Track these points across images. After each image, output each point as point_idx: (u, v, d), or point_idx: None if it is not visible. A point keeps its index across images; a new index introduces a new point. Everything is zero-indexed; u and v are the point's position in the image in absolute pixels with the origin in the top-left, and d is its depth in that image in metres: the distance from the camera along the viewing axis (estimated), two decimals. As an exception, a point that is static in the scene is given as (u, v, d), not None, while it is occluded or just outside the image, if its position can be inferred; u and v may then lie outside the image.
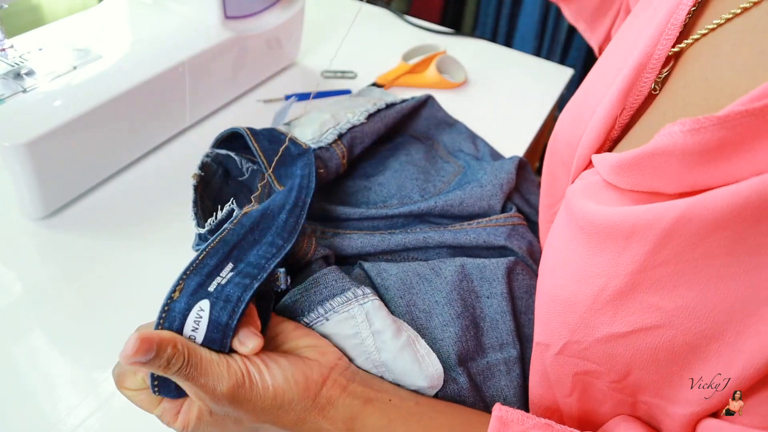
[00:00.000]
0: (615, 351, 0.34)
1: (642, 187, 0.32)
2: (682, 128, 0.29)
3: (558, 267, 0.39)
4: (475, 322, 0.44)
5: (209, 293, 0.36)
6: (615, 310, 0.33)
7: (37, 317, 0.49)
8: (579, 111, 0.46)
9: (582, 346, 0.36)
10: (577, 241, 0.36)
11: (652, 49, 0.38)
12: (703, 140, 0.28)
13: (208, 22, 0.68)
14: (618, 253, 0.32)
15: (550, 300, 0.39)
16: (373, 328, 0.39)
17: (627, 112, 0.40)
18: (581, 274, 0.35)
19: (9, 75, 0.56)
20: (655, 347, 0.32)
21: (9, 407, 0.44)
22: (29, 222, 0.57)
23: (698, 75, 0.35)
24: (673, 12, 0.37)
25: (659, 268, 0.31)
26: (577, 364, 0.37)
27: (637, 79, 0.38)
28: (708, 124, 0.28)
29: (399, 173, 0.57)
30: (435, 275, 0.45)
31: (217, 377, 0.34)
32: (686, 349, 0.31)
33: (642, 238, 0.31)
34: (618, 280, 0.32)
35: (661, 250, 0.30)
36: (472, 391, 0.41)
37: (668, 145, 0.29)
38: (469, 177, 0.58)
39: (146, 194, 0.62)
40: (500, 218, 0.53)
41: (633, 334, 0.33)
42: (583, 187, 0.38)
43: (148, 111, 0.62)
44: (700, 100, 0.34)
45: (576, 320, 0.36)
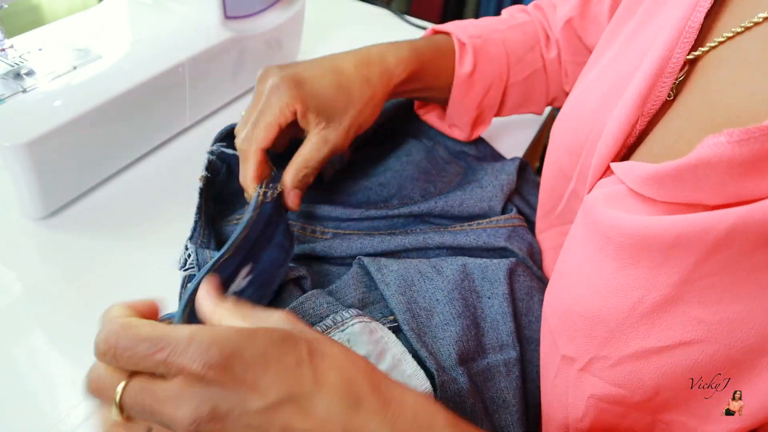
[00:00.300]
0: (645, 369, 0.33)
1: (680, 198, 0.31)
2: (729, 139, 0.27)
3: (581, 280, 0.37)
4: (476, 322, 0.44)
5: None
6: (652, 323, 0.32)
7: (37, 317, 0.49)
8: (579, 116, 0.46)
9: (609, 363, 0.34)
10: (603, 252, 0.35)
11: (670, 54, 0.37)
12: (752, 151, 0.27)
13: (208, 22, 0.68)
14: (658, 264, 0.31)
15: (572, 314, 0.37)
16: (360, 353, 0.39)
17: (644, 118, 0.39)
18: (613, 287, 0.34)
19: (9, 75, 0.56)
20: (693, 363, 0.30)
21: (9, 407, 0.43)
22: (29, 222, 0.57)
23: (724, 80, 0.34)
24: (689, 16, 0.36)
25: (705, 279, 0.29)
26: (598, 385, 0.35)
27: (654, 85, 0.37)
28: (759, 134, 0.27)
29: (400, 174, 0.57)
30: (436, 273, 0.45)
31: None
32: (728, 365, 0.30)
33: (689, 248, 0.29)
34: (657, 292, 0.31)
35: (709, 260, 0.29)
36: (472, 392, 0.41)
37: (713, 156, 0.28)
38: (469, 178, 0.58)
39: (146, 194, 0.62)
40: (500, 219, 0.53)
41: (669, 349, 0.31)
42: (606, 196, 0.37)
43: (148, 111, 0.62)
44: (727, 105, 0.33)
45: (605, 335, 0.34)
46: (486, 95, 0.61)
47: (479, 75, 0.59)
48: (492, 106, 0.63)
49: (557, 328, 0.40)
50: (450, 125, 0.64)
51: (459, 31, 0.60)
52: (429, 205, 0.52)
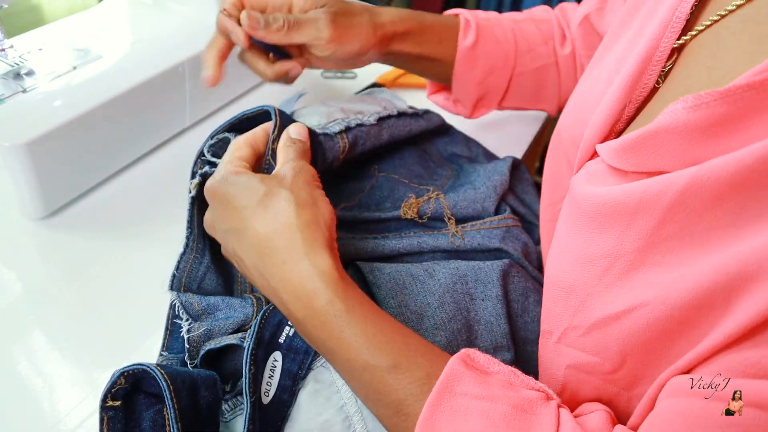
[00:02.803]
0: (610, 335, 0.34)
1: (646, 167, 0.32)
2: (684, 105, 0.29)
3: (561, 253, 0.39)
4: (469, 325, 0.44)
5: (280, 345, 0.41)
6: (617, 291, 0.33)
7: (37, 317, 0.50)
8: (581, 108, 0.46)
9: (579, 333, 0.36)
10: (578, 224, 0.36)
11: (657, 43, 0.38)
12: (705, 116, 0.28)
13: (208, 22, 0.68)
14: (623, 231, 0.32)
15: (553, 286, 0.39)
16: None
17: (632, 105, 0.40)
18: (584, 257, 0.35)
19: (9, 75, 0.56)
20: (645, 325, 0.31)
21: (9, 407, 0.44)
22: (29, 222, 0.57)
23: (701, 65, 0.35)
24: (677, 5, 0.38)
25: (666, 243, 0.30)
26: (573, 355, 0.37)
27: (642, 72, 0.39)
28: (710, 99, 0.28)
29: (392, 177, 0.57)
30: (428, 276, 0.45)
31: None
32: (673, 324, 0.30)
33: (648, 212, 0.31)
34: (624, 258, 0.32)
35: (668, 222, 0.30)
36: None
37: (671, 123, 0.30)
38: (462, 180, 0.57)
39: (146, 194, 0.62)
40: (494, 220, 0.53)
41: (626, 313, 0.32)
42: (587, 174, 0.39)
43: (148, 111, 0.62)
44: (702, 88, 0.34)
45: (577, 304, 0.36)
46: (490, 74, 0.62)
47: (482, 51, 0.61)
48: (497, 88, 0.64)
49: (544, 303, 0.41)
50: (455, 100, 0.66)
51: (467, 13, 0.63)
52: (423, 208, 0.52)
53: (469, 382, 0.33)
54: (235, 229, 0.41)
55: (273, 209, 0.39)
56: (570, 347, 0.37)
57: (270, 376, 0.39)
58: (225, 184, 0.42)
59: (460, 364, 0.34)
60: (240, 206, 0.40)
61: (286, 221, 0.38)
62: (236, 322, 0.43)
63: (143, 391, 0.39)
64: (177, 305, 0.45)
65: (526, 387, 0.34)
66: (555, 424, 0.32)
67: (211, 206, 0.44)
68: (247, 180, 0.41)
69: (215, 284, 0.49)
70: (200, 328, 0.42)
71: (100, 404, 0.37)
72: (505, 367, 0.35)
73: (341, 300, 0.36)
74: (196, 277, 0.48)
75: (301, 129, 0.47)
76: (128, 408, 0.38)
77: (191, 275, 0.48)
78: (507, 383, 0.34)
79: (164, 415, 0.39)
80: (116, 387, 0.37)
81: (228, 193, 0.42)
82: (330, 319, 0.36)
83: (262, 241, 0.39)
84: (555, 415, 0.32)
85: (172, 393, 0.36)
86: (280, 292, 0.38)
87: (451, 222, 0.52)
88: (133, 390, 0.39)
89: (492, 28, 0.62)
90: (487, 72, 0.62)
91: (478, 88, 0.63)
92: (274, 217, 0.39)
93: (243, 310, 0.44)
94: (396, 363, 0.34)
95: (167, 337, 0.45)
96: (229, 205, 0.41)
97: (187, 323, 0.43)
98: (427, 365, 0.34)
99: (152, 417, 0.38)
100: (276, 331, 0.41)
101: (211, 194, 0.44)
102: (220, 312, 0.44)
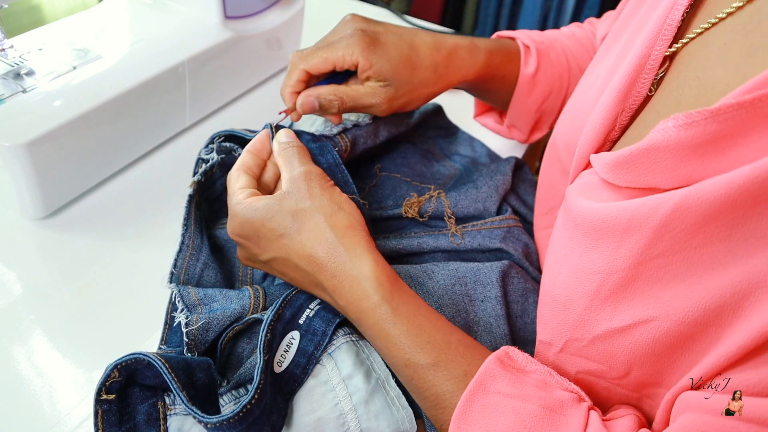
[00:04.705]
0: (614, 348, 0.34)
1: (638, 183, 0.33)
2: (675, 123, 0.29)
3: (556, 266, 0.39)
4: (468, 327, 0.44)
5: (299, 325, 0.42)
6: (615, 305, 0.33)
7: (37, 317, 0.50)
8: (575, 115, 0.46)
9: (582, 344, 0.36)
10: (573, 239, 0.37)
11: (649, 50, 0.38)
12: (696, 134, 0.29)
13: (208, 22, 0.68)
14: (615, 249, 0.33)
15: (550, 299, 0.39)
16: (344, 373, 0.40)
17: (626, 113, 0.40)
18: (579, 272, 0.36)
19: (9, 75, 0.56)
20: (653, 340, 0.32)
21: (9, 407, 0.44)
22: (29, 222, 0.57)
23: (691, 75, 0.35)
24: (668, 13, 0.38)
25: (657, 260, 0.31)
26: (579, 363, 0.37)
27: (635, 80, 0.39)
28: (700, 118, 0.28)
29: (394, 175, 0.57)
30: (427, 278, 0.45)
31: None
32: (682, 339, 0.31)
33: (638, 231, 0.31)
34: (616, 275, 0.33)
35: (658, 242, 0.30)
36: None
37: (662, 140, 0.30)
38: (464, 179, 0.57)
39: (146, 194, 0.62)
40: (495, 220, 0.53)
41: (631, 328, 0.33)
42: (581, 186, 0.39)
43: (148, 111, 0.62)
44: (692, 99, 0.34)
45: (575, 319, 0.36)
46: (547, 99, 0.61)
47: (542, 77, 0.60)
48: (551, 111, 0.63)
49: (540, 314, 0.42)
50: (509, 126, 0.65)
51: (522, 36, 0.61)
52: (424, 207, 0.52)
53: (502, 381, 0.35)
54: (275, 258, 0.42)
55: (307, 231, 0.40)
56: (575, 356, 0.38)
57: (286, 350, 0.41)
58: (244, 219, 0.42)
59: (496, 363, 0.36)
60: (273, 237, 0.41)
61: (323, 237, 0.40)
62: (234, 313, 0.43)
63: (138, 384, 0.39)
64: (176, 297, 0.45)
65: (560, 388, 0.35)
66: (582, 426, 0.33)
67: (241, 245, 0.45)
68: (265, 205, 0.42)
69: (215, 280, 0.49)
70: (198, 321, 0.42)
71: (95, 398, 0.37)
72: (542, 367, 0.36)
73: (387, 302, 0.38)
74: (194, 273, 0.48)
75: (288, 131, 0.47)
76: (123, 401, 0.38)
77: (189, 272, 0.48)
78: (542, 383, 0.35)
79: (158, 408, 0.39)
80: (110, 380, 0.37)
81: (254, 227, 0.42)
82: (377, 321, 0.38)
83: (308, 264, 0.40)
84: (584, 417, 0.33)
85: (170, 369, 0.36)
86: (337, 298, 0.40)
87: (451, 221, 0.52)
88: (127, 383, 0.39)
89: (548, 52, 0.61)
90: (545, 97, 0.61)
91: (536, 114, 0.62)
92: (309, 237, 0.40)
93: (240, 302, 0.44)
94: (436, 361, 0.37)
95: (166, 331, 0.45)
96: (262, 239, 0.42)
97: (184, 315, 0.43)
98: (465, 363, 0.37)
99: (147, 410, 0.39)
100: (297, 313, 0.42)
101: (238, 235, 0.44)
102: (217, 303, 0.44)
